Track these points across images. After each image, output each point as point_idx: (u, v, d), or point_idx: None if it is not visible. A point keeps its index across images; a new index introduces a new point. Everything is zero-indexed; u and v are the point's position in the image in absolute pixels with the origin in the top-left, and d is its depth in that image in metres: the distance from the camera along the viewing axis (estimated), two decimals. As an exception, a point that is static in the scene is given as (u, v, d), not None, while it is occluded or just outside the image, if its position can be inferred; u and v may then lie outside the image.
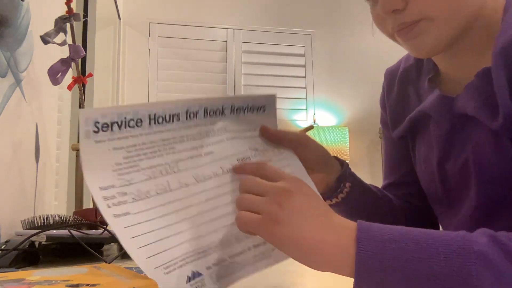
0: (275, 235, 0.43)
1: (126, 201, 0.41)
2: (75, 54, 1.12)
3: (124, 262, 0.71)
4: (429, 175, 0.69)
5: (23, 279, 0.42)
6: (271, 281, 0.60)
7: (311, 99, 3.33)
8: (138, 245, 0.40)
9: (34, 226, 0.89)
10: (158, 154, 0.45)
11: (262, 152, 0.55)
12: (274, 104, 0.58)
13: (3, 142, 0.96)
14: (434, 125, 0.66)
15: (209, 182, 0.48)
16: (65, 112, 1.62)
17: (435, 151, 0.66)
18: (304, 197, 0.45)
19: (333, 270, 0.43)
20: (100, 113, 0.41)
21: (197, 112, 0.49)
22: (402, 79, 0.75)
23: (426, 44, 0.58)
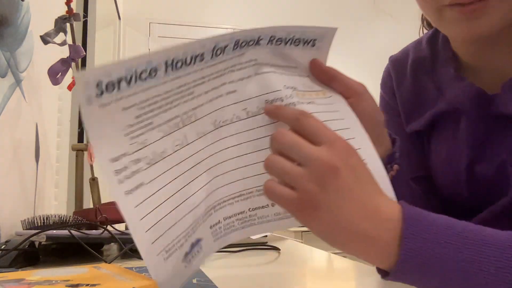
0: (310, 220, 0.37)
1: (140, 169, 0.36)
2: (75, 54, 1.12)
3: (124, 262, 0.71)
4: (454, 175, 0.62)
5: (23, 279, 0.42)
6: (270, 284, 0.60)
7: (311, 99, 3.33)
8: (146, 228, 0.36)
9: (34, 226, 0.89)
10: (174, 104, 0.38)
11: (302, 94, 0.44)
12: (330, 39, 0.47)
13: (3, 142, 0.96)
14: (467, 123, 0.59)
15: (229, 127, 0.42)
16: (65, 112, 1.62)
17: (466, 151, 0.60)
18: (351, 174, 0.37)
19: (370, 262, 0.39)
20: (103, 72, 0.33)
21: (226, 47, 0.39)
22: (415, 69, 0.68)
23: (488, 26, 0.50)
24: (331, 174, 0.36)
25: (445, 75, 0.63)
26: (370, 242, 0.37)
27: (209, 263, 0.71)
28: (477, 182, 0.60)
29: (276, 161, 0.38)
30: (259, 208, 0.43)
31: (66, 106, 1.63)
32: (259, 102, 0.42)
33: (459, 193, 0.62)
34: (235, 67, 0.41)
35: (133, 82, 0.34)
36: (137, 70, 0.34)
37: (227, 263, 0.72)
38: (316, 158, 0.37)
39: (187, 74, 0.37)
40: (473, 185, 0.60)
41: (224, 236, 0.44)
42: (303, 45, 0.45)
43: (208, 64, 0.38)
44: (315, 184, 0.36)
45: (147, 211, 0.36)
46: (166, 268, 0.37)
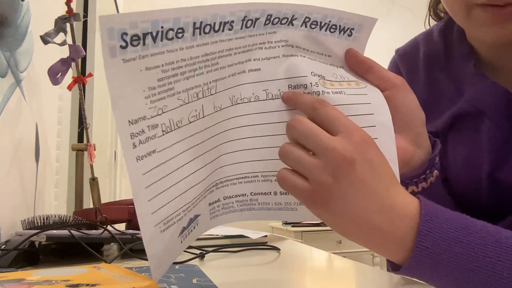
0: (323, 212, 0.37)
1: (155, 136, 0.34)
2: (75, 54, 1.12)
3: (124, 262, 0.71)
4: (474, 181, 0.58)
5: (23, 279, 0.42)
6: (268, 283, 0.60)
7: (311, 99, 3.32)
8: (149, 197, 0.35)
9: (34, 226, 0.89)
10: (198, 73, 0.36)
11: (331, 83, 0.41)
12: (369, 31, 0.45)
13: (3, 142, 0.96)
14: (490, 125, 0.56)
15: (246, 105, 0.40)
16: (65, 112, 1.62)
17: (487, 156, 0.56)
18: (368, 167, 0.36)
19: (382, 255, 0.38)
20: (129, 22, 0.30)
21: (257, 20, 0.37)
22: (428, 64, 0.64)
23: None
24: (346, 166, 0.35)
25: (463, 71, 0.59)
26: (384, 236, 0.36)
27: (209, 263, 0.71)
28: (500, 189, 0.56)
29: (290, 150, 0.37)
30: (261, 194, 0.42)
31: (66, 106, 1.63)
32: (281, 85, 0.41)
33: (478, 200, 0.59)
34: (264, 44, 0.40)
35: (159, 40, 0.32)
36: (164, 26, 0.32)
37: (227, 263, 0.72)
38: (331, 148, 0.35)
39: (214, 42, 0.36)
40: (495, 192, 0.57)
41: (220, 215, 0.43)
42: (339, 33, 0.43)
43: (237, 35, 0.37)
44: (329, 175, 0.35)
45: (153, 180, 0.35)
46: (161, 241, 0.36)
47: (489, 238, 0.36)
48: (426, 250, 0.36)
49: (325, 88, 0.41)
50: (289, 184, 0.37)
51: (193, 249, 0.80)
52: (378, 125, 0.40)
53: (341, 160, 0.35)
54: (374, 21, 0.44)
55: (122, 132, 0.32)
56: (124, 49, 0.31)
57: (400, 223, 0.37)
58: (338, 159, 0.35)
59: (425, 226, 0.36)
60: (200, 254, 0.73)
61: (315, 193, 0.36)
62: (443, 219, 0.36)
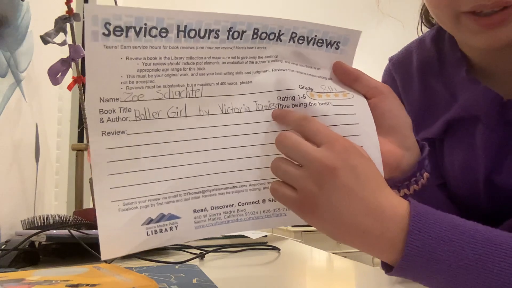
0: (312, 218, 0.38)
1: (127, 118, 0.36)
2: (75, 54, 1.12)
3: (124, 262, 0.71)
4: (471, 186, 0.59)
5: (23, 279, 0.42)
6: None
7: (311, 99, 3.33)
8: (110, 172, 0.36)
9: (34, 226, 0.89)
10: (181, 73, 0.38)
11: (319, 94, 0.44)
12: (355, 43, 0.47)
13: (3, 142, 0.96)
14: (484, 130, 0.56)
15: (236, 115, 0.41)
16: (65, 112, 1.62)
17: (483, 160, 0.56)
18: (351, 173, 0.38)
19: (374, 256, 0.39)
20: (112, 13, 0.33)
21: (244, 32, 0.41)
22: (422, 71, 0.64)
23: (508, 36, 0.47)
24: (328, 174, 0.37)
25: (456, 77, 0.59)
26: (374, 239, 0.37)
27: (209, 263, 0.71)
28: (497, 192, 0.56)
29: (279, 163, 0.40)
30: (249, 204, 0.43)
31: (66, 106, 1.63)
32: (271, 97, 0.43)
33: (477, 204, 0.59)
34: (254, 59, 0.42)
35: (142, 35, 0.35)
36: (147, 24, 0.34)
37: (227, 263, 0.72)
38: (314, 158, 0.38)
39: (200, 47, 0.38)
40: (493, 196, 0.57)
41: (207, 226, 0.43)
42: (327, 47, 0.45)
43: (223, 44, 0.40)
44: (313, 184, 0.37)
45: (117, 158, 0.36)
46: (117, 219, 0.37)
47: (479, 236, 0.36)
48: (416, 249, 0.36)
49: (312, 99, 0.43)
50: (279, 195, 0.40)
51: (193, 249, 0.80)
52: (363, 134, 0.43)
53: (324, 169, 0.37)
54: (359, 33, 0.46)
55: (90, 106, 0.35)
56: (107, 36, 0.34)
57: (390, 224, 0.37)
58: (320, 168, 0.37)
59: (414, 226, 0.37)
60: (200, 254, 0.73)
61: (302, 202, 0.38)
62: (432, 219, 0.37)
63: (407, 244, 0.36)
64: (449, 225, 0.37)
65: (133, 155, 0.37)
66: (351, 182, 0.38)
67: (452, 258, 0.36)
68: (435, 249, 0.36)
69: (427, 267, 0.36)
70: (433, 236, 0.36)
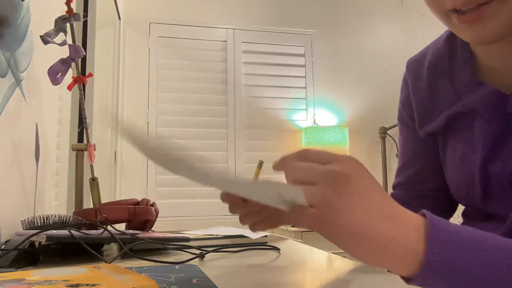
0: (331, 226, 0.37)
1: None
2: (75, 54, 1.13)
3: (124, 262, 0.71)
4: (467, 176, 0.62)
5: (23, 279, 0.42)
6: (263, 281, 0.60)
7: (311, 99, 3.33)
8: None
9: (34, 226, 0.89)
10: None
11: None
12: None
13: (3, 142, 0.96)
14: (482, 123, 0.59)
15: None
16: (65, 112, 1.62)
17: (480, 151, 0.59)
18: (363, 180, 0.39)
19: (392, 269, 0.38)
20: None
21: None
22: (431, 70, 0.68)
23: (493, 29, 0.50)
24: (343, 180, 0.38)
25: (463, 77, 0.62)
26: (394, 248, 0.36)
27: (209, 263, 0.71)
28: (491, 181, 0.59)
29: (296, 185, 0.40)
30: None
31: (66, 106, 1.63)
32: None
33: (473, 196, 0.61)
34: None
35: None
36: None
37: (227, 263, 0.72)
38: (327, 171, 0.38)
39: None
40: (487, 185, 0.59)
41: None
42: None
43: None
44: (330, 193, 0.37)
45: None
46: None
47: (499, 245, 0.36)
48: (437, 257, 0.36)
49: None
50: (296, 217, 0.40)
51: (193, 249, 0.80)
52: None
53: (338, 177, 0.38)
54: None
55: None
56: None
57: (407, 229, 0.37)
58: (335, 177, 0.38)
59: (433, 233, 0.36)
60: (200, 254, 0.73)
61: (320, 212, 0.37)
62: (451, 228, 0.37)
63: (428, 252, 0.36)
64: (468, 233, 0.37)
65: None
66: (366, 188, 0.38)
67: (474, 266, 0.35)
68: (456, 256, 0.36)
69: (449, 275, 0.36)
70: (454, 244, 0.36)
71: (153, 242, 0.82)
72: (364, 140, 3.32)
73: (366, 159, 3.30)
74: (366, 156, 3.30)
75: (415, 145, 0.75)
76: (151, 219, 1.17)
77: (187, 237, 0.92)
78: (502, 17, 0.49)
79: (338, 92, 3.38)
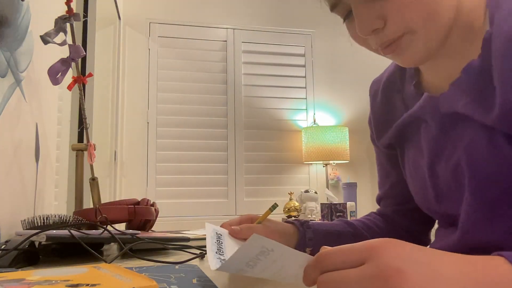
0: None
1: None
2: (75, 54, 1.13)
3: (124, 262, 0.71)
4: (420, 180, 0.67)
5: (23, 279, 0.42)
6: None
7: (311, 99, 3.33)
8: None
9: (34, 226, 0.89)
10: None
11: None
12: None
13: (3, 142, 0.96)
14: (425, 127, 0.65)
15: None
16: (65, 112, 1.62)
17: (425, 154, 0.64)
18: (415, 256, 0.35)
19: None
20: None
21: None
22: (386, 88, 0.75)
23: (415, 55, 0.57)
24: (395, 275, 0.33)
25: (410, 91, 0.69)
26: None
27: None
28: (439, 184, 0.63)
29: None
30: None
31: (66, 106, 1.63)
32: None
33: (427, 199, 0.66)
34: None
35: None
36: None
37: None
38: (367, 275, 0.34)
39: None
40: (436, 187, 0.63)
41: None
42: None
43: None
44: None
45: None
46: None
47: None
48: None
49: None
50: None
51: (193, 249, 0.80)
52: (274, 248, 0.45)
53: (388, 272, 0.33)
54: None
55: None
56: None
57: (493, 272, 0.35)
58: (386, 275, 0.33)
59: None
60: (200, 254, 0.73)
61: None
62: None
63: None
64: None
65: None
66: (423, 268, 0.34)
67: None
68: None
69: None
70: None
71: (153, 242, 0.82)
72: (364, 140, 3.31)
73: (366, 158, 3.30)
74: (366, 156, 3.30)
75: (383, 160, 0.82)
76: (151, 219, 1.17)
77: (187, 237, 0.92)
78: (416, 46, 0.55)
79: (338, 92, 3.38)
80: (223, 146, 3.12)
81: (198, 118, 3.09)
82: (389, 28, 0.55)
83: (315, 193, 2.88)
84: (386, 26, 0.55)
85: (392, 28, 0.55)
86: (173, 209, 2.95)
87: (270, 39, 3.31)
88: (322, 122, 3.30)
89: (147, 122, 3.01)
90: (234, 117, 3.15)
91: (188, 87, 3.10)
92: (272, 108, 3.25)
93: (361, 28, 0.56)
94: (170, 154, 3.02)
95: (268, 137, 3.21)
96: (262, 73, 3.27)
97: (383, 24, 0.55)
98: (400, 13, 0.53)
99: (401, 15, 0.53)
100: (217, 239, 0.67)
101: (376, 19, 0.55)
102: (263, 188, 3.15)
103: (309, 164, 3.25)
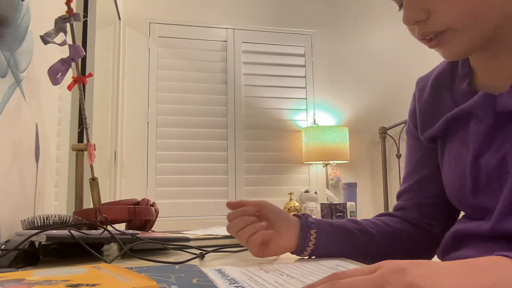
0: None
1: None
2: (75, 54, 1.13)
3: (124, 262, 0.71)
4: (460, 172, 0.68)
5: (23, 279, 0.42)
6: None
7: (311, 99, 3.33)
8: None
9: (34, 226, 0.89)
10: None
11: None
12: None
13: (3, 142, 0.96)
14: (475, 122, 0.66)
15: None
16: (65, 112, 1.62)
17: (472, 146, 0.66)
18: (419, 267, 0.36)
19: None
20: None
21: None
22: (435, 83, 0.77)
23: (456, 50, 0.61)
24: (398, 272, 0.35)
25: (461, 88, 0.71)
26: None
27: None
28: (480, 173, 0.64)
29: None
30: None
31: (66, 106, 1.63)
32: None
33: (464, 190, 0.67)
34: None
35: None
36: None
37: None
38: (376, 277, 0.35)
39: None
40: (477, 177, 0.65)
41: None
42: None
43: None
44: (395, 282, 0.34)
45: None
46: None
47: None
48: None
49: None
50: None
51: (193, 249, 0.80)
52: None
53: (391, 271, 0.35)
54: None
55: None
56: None
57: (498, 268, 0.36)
58: (389, 273, 0.35)
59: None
60: (200, 254, 0.73)
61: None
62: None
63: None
64: None
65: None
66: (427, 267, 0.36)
67: None
68: None
69: None
70: None
71: (153, 242, 0.82)
72: (364, 140, 3.32)
73: (366, 158, 3.30)
74: (366, 156, 3.30)
75: (419, 154, 0.82)
76: (151, 219, 1.17)
77: (187, 237, 0.92)
78: (458, 41, 0.60)
79: (338, 92, 3.38)
80: (223, 146, 3.12)
81: (198, 118, 3.09)
82: (432, 21, 0.59)
83: (315, 193, 2.89)
84: (429, 19, 0.59)
85: (434, 21, 0.59)
86: (173, 209, 2.95)
87: (270, 39, 3.31)
88: (322, 122, 3.30)
89: (147, 122, 3.01)
90: (234, 117, 3.15)
91: (188, 87, 3.10)
92: (272, 108, 3.25)
93: (406, 17, 0.61)
94: (170, 154, 3.02)
95: (268, 137, 3.21)
96: (262, 73, 3.27)
97: (426, 16, 0.59)
98: (444, 8, 0.58)
99: (445, 11, 0.58)
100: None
101: (421, 11, 0.59)
102: (263, 188, 3.15)
103: (309, 164, 3.25)
